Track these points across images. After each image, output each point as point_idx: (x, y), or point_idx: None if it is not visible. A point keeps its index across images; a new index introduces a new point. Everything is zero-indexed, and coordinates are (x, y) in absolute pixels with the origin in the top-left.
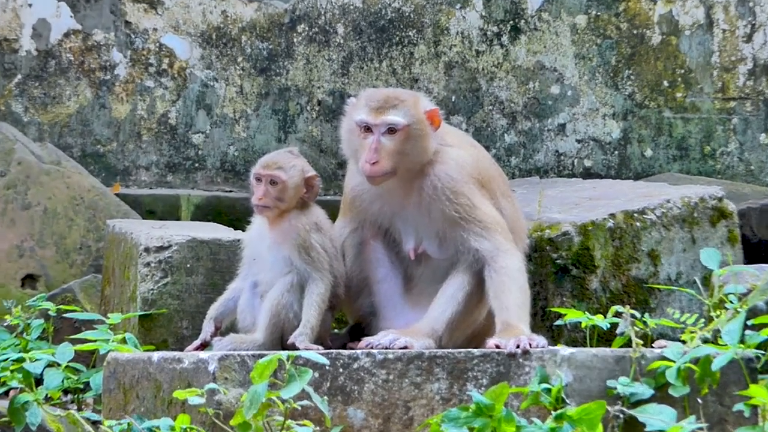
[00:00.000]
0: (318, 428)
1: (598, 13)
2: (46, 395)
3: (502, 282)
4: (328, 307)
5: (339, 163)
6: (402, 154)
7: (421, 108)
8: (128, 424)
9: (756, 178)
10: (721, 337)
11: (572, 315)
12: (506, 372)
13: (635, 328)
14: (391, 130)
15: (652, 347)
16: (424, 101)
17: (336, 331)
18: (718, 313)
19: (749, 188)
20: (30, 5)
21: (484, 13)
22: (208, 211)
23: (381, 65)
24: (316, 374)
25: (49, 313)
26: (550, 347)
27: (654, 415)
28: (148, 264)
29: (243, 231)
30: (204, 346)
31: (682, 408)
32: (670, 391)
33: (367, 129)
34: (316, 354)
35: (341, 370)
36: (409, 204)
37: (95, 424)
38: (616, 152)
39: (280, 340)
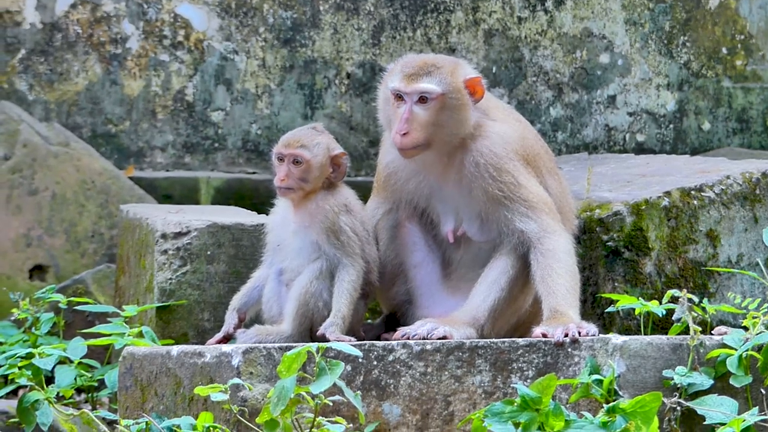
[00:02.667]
0: (351, 425)
1: None
2: (58, 394)
3: (548, 265)
4: (360, 295)
5: (370, 141)
6: (436, 125)
7: (459, 76)
8: (146, 423)
9: None
10: None
11: (625, 301)
12: (554, 363)
13: (693, 314)
14: (424, 99)
15: (712, 334)
16: (464, 68)
17: (369, 321)
18: None
19: None
20: None
21: None
22: (229, 195)
23: (415, 34)
24: (349, 367)
25: (60, 305)
26: (602, 335)
27: (714, 406)
28: (165, 252)
29: (267, 215)
30: (227, 338)
31: (744, 399)
32: (731, 381)
33: (400, 98)
34: (348, 346)
35: (375, 362)
36: (448, 182)
37: (111, 424)
38: (671, 126)
39: (308, 331)
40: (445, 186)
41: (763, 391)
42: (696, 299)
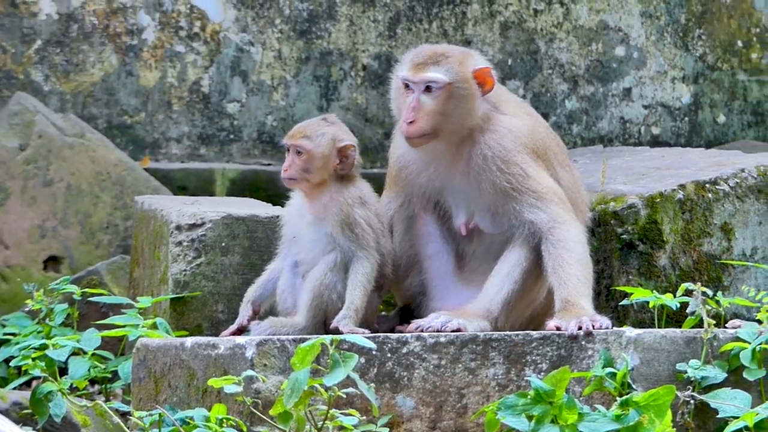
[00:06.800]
0: (364, 417)
1: None
2: (71, 385)
3: (559, 256)
4: (374, 287)
5: (386, 133)
6: (443, 114)
7: (468, 66)
8: (159, 415)
9: None
10: None
11: (639, 294)
12: (567, 355)
13: (707, 307)
14: (430, 88)
15: (725, 328)
16: (474, 59)
17: (384, 313)
18: None
19: None
20: None
21: None
22: (244, 186)
23: (431, 26)
24: (362, 360)
25: (74, 297)
26: (615, 328)
27: (727, 400)
28: (180, 243)
29: (282, 207)
30: (241, 330)
31: (758, 392)
32: (745, 375)
33: (409, 87)
34: (362, 338)
35: (389, 355)
36: (457, 174)
37: (124, 415)
38: (686, 118)
39: (322, 323)
40: (455, 179)
41: None
42: (710, 292)
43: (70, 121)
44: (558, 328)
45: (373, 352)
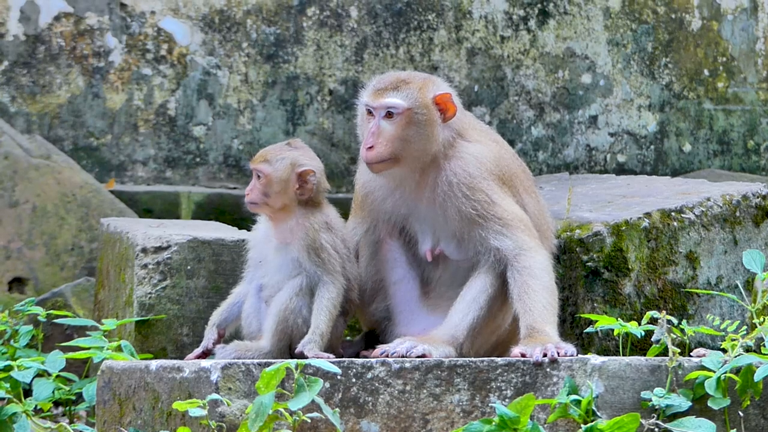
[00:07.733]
0: None
1: None
2: (36, 407)
3: (525, 282)
4: (340, 312)
5: (351, 158)
6: (403, 140)
7: (428, 92)
8: None
9: None
10: (764, 346)
11: (604, 322)
12: (532, 382)
13: (672, 335)
14: (390, 113)
15: (690, 356)
16: (435, 85)
17: (349, 338)
18: (761, 319)
19: None
20: None
21: None
22: (210, 210)
23: (398, 52)
24: (327, 384)
25: (39, 318)
26: (580, 356)
27: (692, 428)
28: (145, 266)
29: (248, 231)
30: (206, 354)
31: (722, 421)
32: (709, 404)
33: (371, 112)
34: (326, 363)
35: (354, 380)
36: (422, 201)
37: None
38: (652, 147)
39: (287, 347)
40: (421, 205)
41: (741, 414)
42: (675, 321)
43: (36, 142)
44: (523, 355)
45: (338, 377)
